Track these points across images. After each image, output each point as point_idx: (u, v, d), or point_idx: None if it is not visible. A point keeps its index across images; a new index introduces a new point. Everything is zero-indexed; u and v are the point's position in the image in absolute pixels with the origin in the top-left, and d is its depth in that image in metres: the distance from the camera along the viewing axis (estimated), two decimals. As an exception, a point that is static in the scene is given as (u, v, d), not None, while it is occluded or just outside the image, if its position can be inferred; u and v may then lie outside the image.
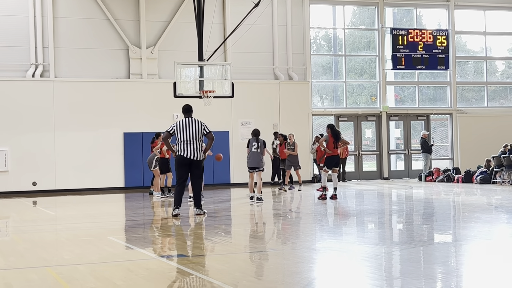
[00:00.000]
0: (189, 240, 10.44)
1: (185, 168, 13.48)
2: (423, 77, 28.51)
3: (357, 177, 27.03)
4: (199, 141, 13.49)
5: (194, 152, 13.39)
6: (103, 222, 13.46)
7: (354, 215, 14.14)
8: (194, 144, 13.41)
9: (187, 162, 13.41)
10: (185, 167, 13.47)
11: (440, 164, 27.34)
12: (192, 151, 13.38)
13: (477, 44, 29.65)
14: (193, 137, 13.41)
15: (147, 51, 24.26)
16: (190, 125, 13.51)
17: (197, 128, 13.50)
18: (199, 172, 13.61)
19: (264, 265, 7.97)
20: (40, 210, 16.87)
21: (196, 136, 13.44)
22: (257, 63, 25.59)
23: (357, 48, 27.97)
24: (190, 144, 13.40)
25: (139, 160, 23.48)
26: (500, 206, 15.29)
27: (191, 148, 13.38)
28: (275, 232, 11.44)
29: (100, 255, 8.83)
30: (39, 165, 22.83)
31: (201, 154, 13.52)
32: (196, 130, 13.48)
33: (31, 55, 23.18)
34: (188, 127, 13.48)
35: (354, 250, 8.95)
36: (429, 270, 7.40)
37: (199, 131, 13.49)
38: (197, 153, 13.42)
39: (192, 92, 19.86)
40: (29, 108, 22.81)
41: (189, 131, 13.44)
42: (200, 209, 13.76)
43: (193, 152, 13.38)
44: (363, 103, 27.97)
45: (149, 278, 7.10)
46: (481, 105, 29.28)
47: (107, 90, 23.70)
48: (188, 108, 13.96)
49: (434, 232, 10.98)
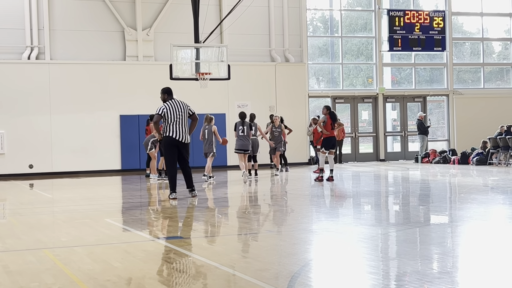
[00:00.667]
0: (186, 222, 10.46)
1: (174, 149, 13.22)
2: (419, 59, 28.47)
3: (353, 159, 27.05)
4: (186, 122, 13.36)
5: (183, 134, 13.22)
6: (100, 205, 13.48)
7: (350, 196, 14.17)
8: (183, 125, 13.25)
9: (176, 144, 13.17)
10: (174, 148, 13.22)
11: (436, 145, 27.38)
12: (182, 133, 13.21)
13: (473, 26, 29.58)
14: (183, 120, 13.28)
15: (143, 33, 24.15)
16: (178, 107, 13.33)
17: (184, 110, 13.36)
18: (187, 154, 13.43)
19: (261, 246, 7.99)
20: (37, 193, 16.88)
21: (185, 118, 13.34)
22: (254, 45, 25.51)
23: (354, 29, 27.89)
24: (180, 125, 13.22)
25: (135, 143, 23.47)
26: (496, 187, 15.34)
27: (182, 130, 13.21)
28: (271, 214, 11.47)
29: (97, 237, 8.85)
30: (35, 147, 22.80)
31: (188, 136, 13.33)
32: (183, 112, 13.33)
33: (26, 37, 23.07)
34: (177, 109, 13.30)
35: (350, 232, 8.98)
36: (425, 251, 7.43)
37: (185, 113, 13.37)
38: (187, 135, 13.30)
39: (188, 74, 19.81)
40: (25, 90, 22.74)
41: (179, 112, 13.27)
42: (193, 190, 13.62)
43: (183, 134, 13.22)
44: (359, 85, 27.94)
45: (146, 259, 7.12)
46: (478, 87, 29.26)
47: (103, 73, 23.62)
48: (169, 90, 13.79)
49: (430, 213, 11.02)
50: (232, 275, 6.33)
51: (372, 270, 6.34)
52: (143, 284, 5.99)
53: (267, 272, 6.31)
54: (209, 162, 18.21)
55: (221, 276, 6.34)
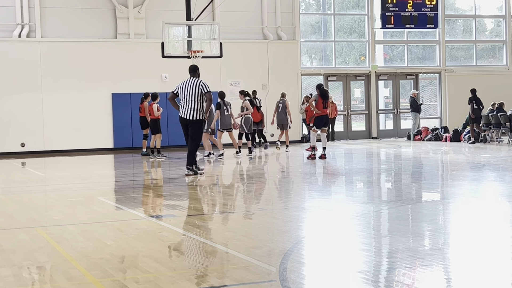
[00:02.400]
0: (179, 200, 10.48)
1: (183, 126, 13.67)
2: (412, 36, 28.41)
3: (346, 137, 27.09)
4: (197, 100, 13.47)
5: (189, 111, 13.42)
6: (93, 183, 13.48)
7: (342, 174, 14.22)
8: (190, 103, 13.43)
9: (185, 122, 13.54)
10: (184, 127, 13.66)
11: (428, 123, 27.42)
12: (187, 110, 13.43)
13: (466, 3, 29.50)
14: (190, 97, 13.44)
15: (134, 10, 23.99)
16: (189, 85, 13.54)
17: (195, 88, 13.47)
18: (193, 132, 13.54)
19: (254, 224, 8.02)
20: (29, 171, 16.86)
21: (193, 96, 13.43)
22: (246, 23, 25.40)
23: (346, 7, 27.78)
24: (187, 103, 13.46)
25: (127, 121, 23.40)
26: (488, 164, 15.40)
27: (188, 107, 13.43)
28: (264, 192, 11.50)
29: (90, 215, 8.86)
30: (27, 126, 22.72)
31: (198, 113, 13.46)
32: (193, 89, 13.46)
33: (16, 15, 22.89)
34: (187, 87, 13.52)
35: (343, 209, 9.03)
36: (417, 228, 7.48)
37: (196, 90, 13.46)
38: (191, 113, 13.42)
39: (180, 52, 19.72)
40: (16, 68, 22.61)
41: (187, 91, 13.49)
42: (189, 169, 13.71)
43: (189, 111, 13.42)
44: (352, 62, 27.89)
45: (139, 238, 7.14)
46: (470, 64, 29.26)
47: (94, 51, 23.48)
48: (192, 68, 14.00)
49: (422, 191, 11.07)
50: (225, 252, 6.36)
51: (365, 247, 6.38)
52: (136, 262, 6.01)
53: (260, 249, 6.33)
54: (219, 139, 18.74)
55: (214, 253, 6.37)
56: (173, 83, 22.81)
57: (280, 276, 5.33)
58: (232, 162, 17.34)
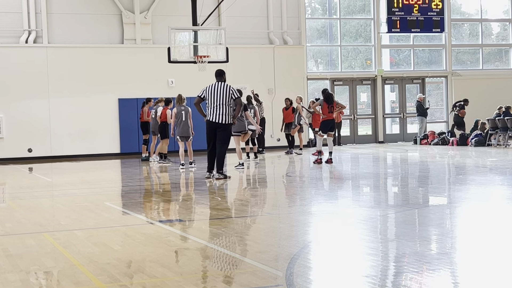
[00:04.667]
0: (186, 205, 10.49)
1: (211, 132, 13.72)
2: (418, 40, 28.39)
3: (352, 141, 27.07)
4: (226, 105, 13.58)
5: (219, 116, 13.55)
6: (100, 188, 13.50)
7: (349, 178, 14.20)
8: (220, 108, 13.55)
9: (214, 126, 13.64)
10: (211, 132, 13.72)
11: (435, 127, 27.37)
12: (217, 115, 13.55)
13: (472, 6, 29.47)
14: (219, 101, 13.54)
15: (141, 16, 24.06)
16: (217, 89, 13.62)
17: (225, 93, 13.58)
18: (223, 136, 13.70)
19: (260, 228, 8.02)
20: (36, 177, 16.89)
21: (223, 100, 13.54)
22: (252, 28, 25.43)
23: (352, 11, 27.79)
24: (216, 108, 13.56)
25: (134, 126, 23.43)
26: (495, 168, 15.36)
27: (217, 112, 13.54)
28: (270, 196, 11.50)
29: (97, 220, 8.87)
30: (34, 131, 22.79)
31: (228, 118, 13.60)
32: (223, 94, 13.56)
33: (24, 21, 22.98)
34: (215, 91, 13.60)
35: (349, 213, 9.01)
36: (424, 232, 7.46)
37: (226, 95, 13.57)
38: (222, 117, 13.56)
39: (186, 57, 19.75)
40: (23, 74, 22.69)
41: (216, 95, 13.57)
42: (220, 173, 13.79)
43: (219, 116, 13.55)
44: (358, 66, 27.88)
45: (146, 242, 7.14)
46: (476, 68, 29.21)
47: (101, 56, 23.55)
48: (219, 72, 14.04)
49: (429, 195, 11.05)
50: (232, 257, 6.36)
51: (371, 251, 6.37)
52: (143, 267, 6.02)
53: (266, 254, 6.33)
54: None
55: (220, 258, 6.37)
56: (179, 88, 22.90)
57: (286, 280, 5.33)
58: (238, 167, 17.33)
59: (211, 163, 14.00)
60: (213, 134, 13.75)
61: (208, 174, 13.99)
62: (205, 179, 13.91)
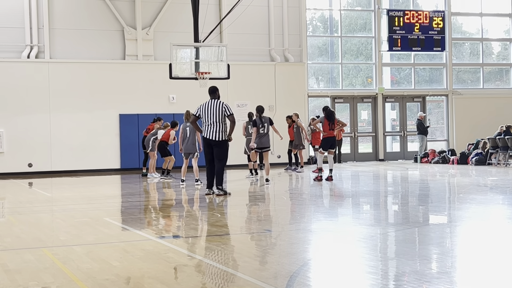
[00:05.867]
0: (185, 221, 10.46)
1: (208, 148, 13.87)
2: (419, 59, 28.47)
3: (352, 159, 27.06)
4: (220, 122, 13.72)
5: (213, 133, 13.68)
6: (99, 204, 13.48)
7: (349, 196, 14.18)
8: (214, 125, 13.68)
9: (208, 143, 13.78)
10: (208, 148, 13.87)
11: (435, 145, 27.38)
12: (211, 132, 13.69)
13: (473, 26, 29.58)
14: (213, 118, 13.68)
15: (143, 32, 24.15)
16: (211, 107, 13.74)
17: (218, 110, 13.70)
18: (219, 153, 13.81)
19: (260, 246, 7.99)
20: (36, 192, 16.87)
21: (216, 117, 13.67)
22: (253, 45, 25.52)
23: (353, 29, 27.89)
24: (210, 125, 13.70)
25: (135, 142, 23.45)
26: (495, 187, 15.34)
27: (211, 129, 13.69)
28: (270, 213, 11.47)
29: (96, 236, 8.85)
30: (34, 146, 22.80)
31: (222, 134, 13.71)
32: (216, 111, 13.68)
33: (26, 36, 23.07)
34: (209, 109, 13.74)
35: (349, 231, 8.99)
36: (424, 251, 7.44)
37: (219, 112, 13.68)
38: (216, 134, 13.68)
39: (187, 73, 19.81)
40: (25, 89, 22.74)
41: (210, 112, 13.71)
42: (220, 189, 13.82)
43: (213, 133, 13.68)
44: (359, 84, 27.94)
45: (145, 259, 7.12)
46: (477, 87, 29.27)
47: (103, 72, 23.62)
48: (212, 89, 14.13)
49: (429, 213, 11.02)
50: (231, 274, 6.34)
51: (371, 270, 6.35)
52: (142, 283, 5.99)
53: (266, 271, 6.31)
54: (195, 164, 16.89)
55: (220, 275, 6.35)
56: (180, 104, 22.95)
57: (286, 298, 5.31)
58: (238, 184, 17.32)
59: (210, 179, 14.06)
60: (210, 150, 13.88)
61: (208, 190, 14.02)
62: (205, 195, 13.91)
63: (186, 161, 17.00)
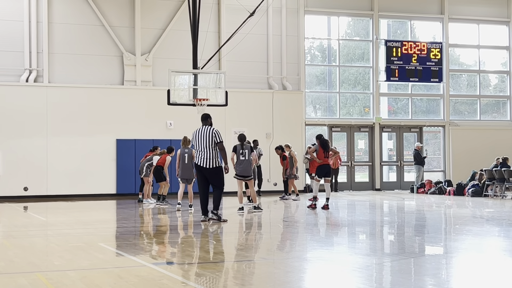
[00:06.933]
0: (180, 248, 10.42)
1: (200, 175, 13.91)
2: (416, 89, 28.60)
3: (349, 188, 27.04)
4: (210, 148, 13.76)
5: (204, 159, 13.74)
6: (94, 229, 13.42)
7: (345, 225, 14.14)
8: (204, 151, 13.74)
9: (200, 169, 13.83)
10: (200, 174, 13.91)
11: (432, 176, 27.38)
12: (202, 159, 13.76)
13: (470, 58, 29.77)
14: (203, 145, 13.75)
15: (142, 58, 24.25)
16: (202, 133, 13.84)
17: (207, 136, 13.76)
18: (214, 180, 13.90)
19: (255, 274, 7.96)
20: (31, 216, 16.80)
21: (206, 144, 13.73)
22: (252, 72, 25.62)
23: (351, 59, 28.05)
24: (201, 151, 13.78)
25: (131, 167, 23.42)
26: (492, 219, 15.32)
27: (202, 156, 13.76)
28: (266, 241, 11.43)
29: (91, 261, 8.80)
30: (30, 170, 22.75)
31: (214, 161, 13.74)
32: (206, 138, 13.75)
33: (25, 60, 23.14)
34: (200, 135, 13.84)
35: (345, 261, 8.95)
36: (419, 282, 7.41)
37: (209, 139, 13.74)
38: (207, 161, 13.72)
39: (185, 100, 19.87)
40: (22, 113, 22.75)
41: (200, 139, 13.81)
42: (214, 214, 13.87)
43: (203, 159, 13.74)
44: (356, 114, 28.02)
45: (139, 285, 7.08)
46: (474, 118, 29.37)
47: (101, 97, 23.66)
48: (204, 116, 14.24)
49: (425, 244, 11.00)
50: (225, 302, 6.30)
51: (366, 300, 6.31)
52: (136, 309, 5.95)
53: (260, 300, 6.27)
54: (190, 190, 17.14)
55: (214, 303, 6.30)
56: (177, 131, 22.96)
57: (280, 327, 5.27)
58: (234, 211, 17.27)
59: (204, 206, 14.02)
60: (202, 177, 13.90)
61: (204, 217, 13.98)
62: (200, 222, 13.86)
63: (182, 185, 17.08)
